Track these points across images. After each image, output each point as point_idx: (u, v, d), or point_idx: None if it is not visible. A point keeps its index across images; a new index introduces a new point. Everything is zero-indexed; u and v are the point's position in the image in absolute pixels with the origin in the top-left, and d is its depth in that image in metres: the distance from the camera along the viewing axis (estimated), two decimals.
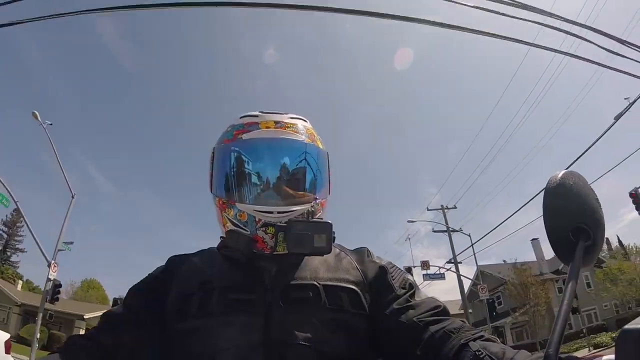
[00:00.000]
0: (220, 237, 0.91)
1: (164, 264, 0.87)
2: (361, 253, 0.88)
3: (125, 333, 0.75)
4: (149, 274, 0.86)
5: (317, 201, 0.86)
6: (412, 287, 0.80)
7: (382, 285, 0.80)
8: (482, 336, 0.66)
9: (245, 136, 0.86)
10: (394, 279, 0.81)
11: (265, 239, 0.81)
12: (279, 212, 0.80)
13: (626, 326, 0.53)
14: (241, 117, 0.90)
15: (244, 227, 0.82)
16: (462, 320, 0.73)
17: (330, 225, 0.78)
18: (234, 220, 0.84)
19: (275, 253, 0.80)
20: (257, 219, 0.81)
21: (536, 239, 28.34)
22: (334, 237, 0.81)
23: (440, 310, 0.74)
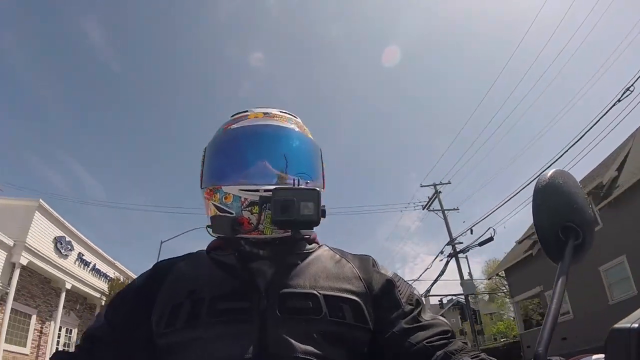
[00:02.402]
0: (211, 241, 0.86)
1: (148, 270, 0.82)
2: (365, 261, 0.82)
3: (107, 351, 0.71)
4: (130, 283, 0.81)
5: (308, 185, 0.81)
6: (419, 304, 0.76)
7: (388, 300, 0.75)
8: (479, 355, 0.65)
9: (233, 126, 0.86)
10: (401, 294, 0.76)
11: (251, 219, 0.76)
12: (265, 191, 0.75)
13: (615, 325, 0.52)
14: (232, 116, 0.91)
15: (229, 210, 0.78)
16: (464, 342, 0.71)
17: (318, 192, 0.74)
18: (220, 205, 0.80)
19: (262, 236, 0.77)
20: (242, 199, 0.77)
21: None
22: (324, 211, 0.76)
23: (449, 335, 0.72)
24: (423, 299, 0.80)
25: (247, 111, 0.88)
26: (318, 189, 0.76)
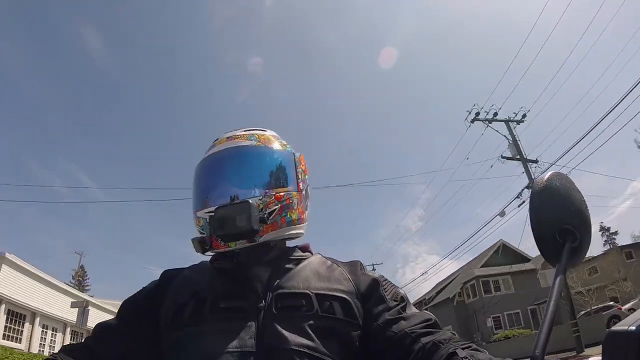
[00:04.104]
0: (214, 254, 0.93)
1: (157, 278, 0.89)
2: (353, 265, 0.88)
3: (118, 343, 0.76)
4: (143, 288, 0.88)
5: (269, 193, 0.85)
6: (403, 300, 0.81)
7: (374, 297, 0.80)
8: (471, 346, 0.66)
9: (204, 156, 0.93)
10: (386, 291, 0.82)
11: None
12: (213, 212, 0.82)
13: (612, 328, 0.53)
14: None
15: (202, 232, 0.86)
16: (452, 333, 0.74)
17: (249, 203, 0.79)
18: (197, 228, 0.89)
19: (229, 249, 0.83)
20: (208, 220, 0.84)
21: None
22: (264, 217, 0.81)
23: (431, 323, 0.75)
24: (408, 296, 0.85)
25: (217, 139, 0.95)
26: (251, 200, 0.80)
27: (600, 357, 0.50)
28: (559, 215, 0.59)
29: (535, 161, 14.54)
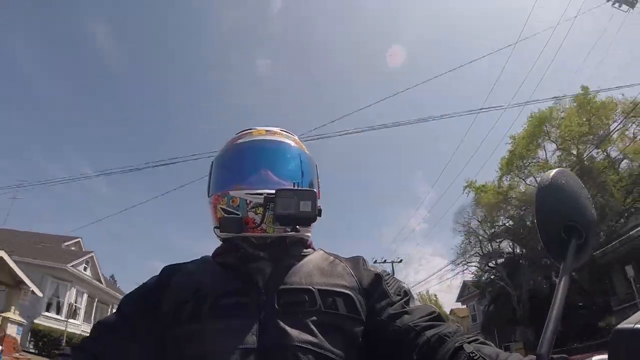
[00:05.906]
0: (215, 248, 0.93)
1: (157, 273, 0.88)
2: (356, 261, 0.88)
3: (117, 341, 0.75)
4: (143, 284, 0.87)
5: None
6: (407, 294, 0.81)
7: (377, 292, 0.80)
8: (477, 339, 0.66)
9: (239, 141, 0.96)
10: (389, 286, 0.82)
11: (256, 219, 0.84)
12: (268, 194, 0.83)
13: (618, 326, 0.52)
14: (237, 133, 1.00)
15: (235, 212, 0.86)
16: (457, 325, 0.73)
17: (315, 192, 0.83)
18: (227, 208, 0.87)
19: (265, 234, 0.84)
20: (247, 201, 0.85)
21: None
22: (320, 210, 0.85)
23: (435, 316, 0.75)
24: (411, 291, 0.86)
25: (251, 129, 0.99)
26: (315, 189, 0.85)
27: (606, 354, 0.49)
28: (564, 212, 0.58)
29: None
